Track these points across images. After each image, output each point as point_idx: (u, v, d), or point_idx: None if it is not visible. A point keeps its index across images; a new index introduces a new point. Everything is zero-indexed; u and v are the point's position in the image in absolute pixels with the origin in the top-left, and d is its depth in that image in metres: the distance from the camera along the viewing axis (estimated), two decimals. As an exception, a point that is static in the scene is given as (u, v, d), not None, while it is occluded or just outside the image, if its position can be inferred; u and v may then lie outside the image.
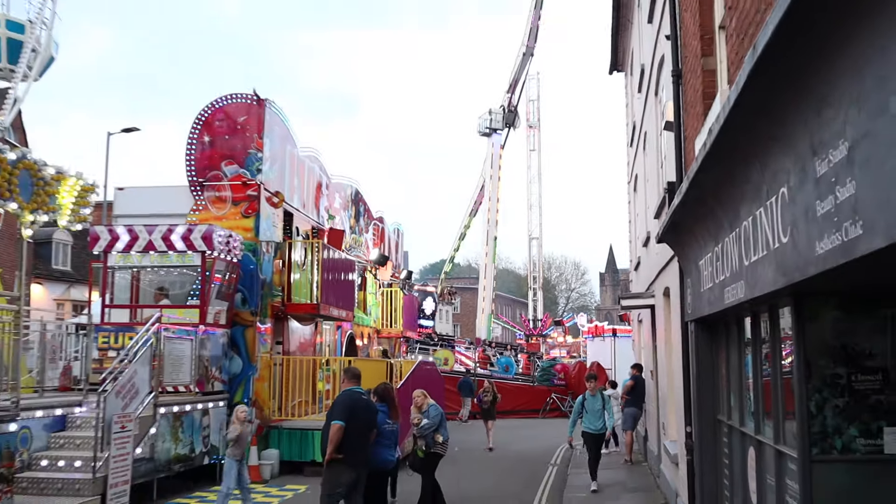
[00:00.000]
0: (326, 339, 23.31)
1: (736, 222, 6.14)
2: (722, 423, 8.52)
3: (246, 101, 19.31)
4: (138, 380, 13.72)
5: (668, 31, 10.76)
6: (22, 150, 11.76)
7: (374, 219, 30.24)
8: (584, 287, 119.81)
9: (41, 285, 37.58)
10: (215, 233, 16.58)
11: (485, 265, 60.69)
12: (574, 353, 55.23)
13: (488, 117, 58.60)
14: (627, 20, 20.87)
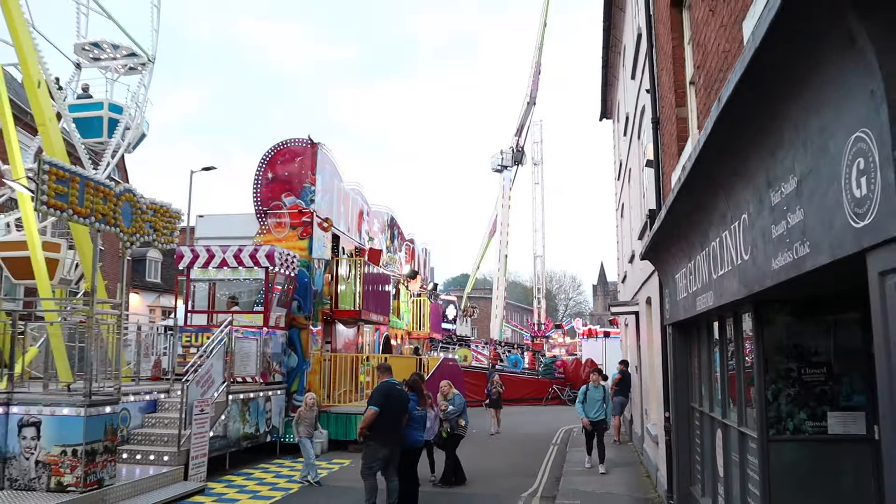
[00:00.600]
0: (367, 340, 23.33)
1: (706, 243, 6.16)
2: (694, 410, 8.47)
3: (302, 144, 19.47)
4: (214, 372, 13.82)
5: (647, 85, 10.80)
6: (124, 185, 11.93)
7: (406, 240, 30.29)
8: (579, 296, 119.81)
9: (137, 294, 37.91)
10: (276, 252, 16.69)
11: (497, 279, 60.78)
12: (571, 352, 54.86)
13: (500, 156, 58.79)
14: (614, 77, 20.91)
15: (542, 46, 55.95)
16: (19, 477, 10.23)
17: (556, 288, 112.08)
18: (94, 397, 10.41)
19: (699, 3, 6.69)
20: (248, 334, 15.94)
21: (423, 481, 11.68)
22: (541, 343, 58.92)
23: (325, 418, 17.63)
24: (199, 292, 18.39)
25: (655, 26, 10.18)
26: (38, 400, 10.51)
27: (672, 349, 9.16)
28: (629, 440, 19.00)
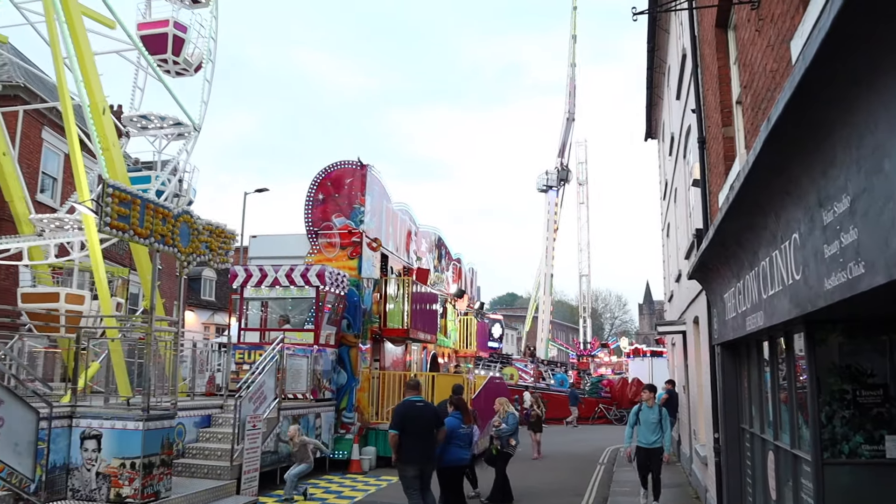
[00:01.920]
0: (414, 358, 23.33)
1: (755, 262, 6.03)
2: (745, 431, 8.26)
3: (351, 166, 19.68)
4: (266, 388, 13.95)
5: (693, 105, 10.66)
6: (182, 207, 12.21)
7: (453, 260, 30.30)
8: (625, 315, 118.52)
9: (193, 312, 38.62)
10: (327, 271, 16.84)
11: (543, 298, 60.44)
12: (617, 371, 54.10)
13: (545, 176, 58.75)
14: (658, 97, 20.72)
15: (575, 62, 56.42)
16: (81, 488, 10.44)
17: (601, 307, 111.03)
18: (152, 412, 10.60)
19: (745, 24, 6.60)
20: (299, 352, 16.08)
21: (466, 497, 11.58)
22: (587, 362, 58.26)
23: (374, 435, 17.64)
24: (253, 310, 18.64)
25: (700, 46, 10.07)
26: (99, 413, 10.74)
27: (721, 369, 8.95)
28: (677, 461, 18.59)
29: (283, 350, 14.89)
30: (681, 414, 18.41)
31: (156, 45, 19.05)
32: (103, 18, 17.35)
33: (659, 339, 40.28)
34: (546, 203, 59.36)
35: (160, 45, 19.09)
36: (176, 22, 19.38)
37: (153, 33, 19.12)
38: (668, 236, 20.00)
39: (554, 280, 59.81)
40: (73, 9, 15.34)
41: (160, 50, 19.10)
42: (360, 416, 17.73)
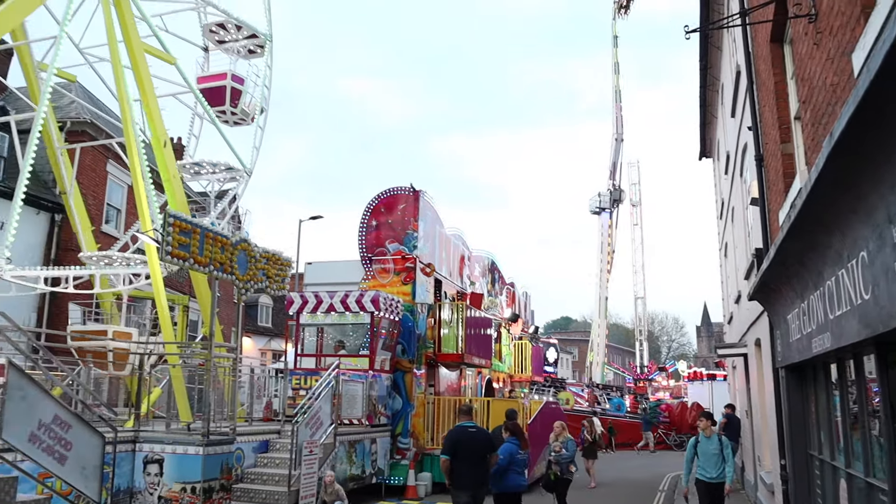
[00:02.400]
0: (469, 383, 23.20)
1: (819, 282, 5.83)
2: (813, 457, 7.94)
3: (404, 192, 19.81)
4: (322, 414, 14.00)
5: (749, 123, 10.46)
6: (240, 236, 12.46)
7: (507, 284, 30.17)
8: (682, 338, 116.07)
9: (250, 338, 39.21)
10: (381, 297, 16.91)
11: (597, 321, 59.70)
12: (676, 395, 52.86)
13: (598, 198, 58.42)
14: (712, 115, 20.43)
15: (619, 88, 57.01)
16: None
17: (658, 329, 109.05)
18: (212, 437, 10.75)
19: (802, 37, 6.45)
20: (355, 377, 16.13)
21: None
22: (644, 386, 57.11)
23: (429, 461, 17.53)
24: (308, 336, 18.80)
25: (755, 63, 9.88)
26: (161, 438, 10.94)
27: (786, 393, 8.66)
28: (741, 488, 18.00)
29: (338, 376, 14.95)
30: (744, 439, 17.85)
31: (215, 97, 19.61)
32: (164, 55, 17.93)
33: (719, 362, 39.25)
34: (599, 225, 58.87)
35: (219, 98, 19.65)
36: (234, 74, 19.94)
37: (212, 86, 19.71)
38: (726, 256, 19.58)
39: (609, 303, 59.07)
40: (136, 48, 15.92)
41: (219, 102, 19.64)
42: (415, 442, 17.67)
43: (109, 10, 15.46)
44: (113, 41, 15.46)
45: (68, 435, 8.59)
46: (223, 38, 20.16)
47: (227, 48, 20.38)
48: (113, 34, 15.48)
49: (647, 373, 60.69)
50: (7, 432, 7.88)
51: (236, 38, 20.11)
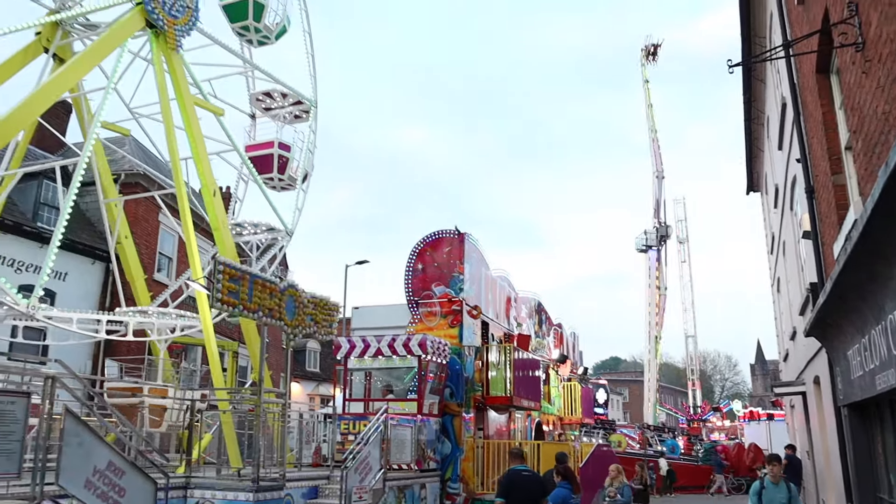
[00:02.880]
0: (518, 426, 22.89)
1: (881, 316, 5.62)
2: (883, 501, 7.57)
3: (449, 235, 19.89)
4: (371, 459, 13.91)
5: (797, 155, 10.28)
6: (288, 281, 12.60)
7: (554, 325, 29.90)
8: (736, 377, 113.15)
9: (298, 383, 39.40)
10: (428, 340, 16.86)
11: (648, 360, 58.59)
12: (732, 436, 51.25)
13: (644, 237, 57.89)
14: (759, 149, 20.15)
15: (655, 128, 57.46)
16: (195, 560, 10.61)
17: (710, 368, 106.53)
18: (262, 483, 10.75)
19: (850, 67, 6.35)
20: (403, 422, 16.02)
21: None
22: (698, 427, 55.49)
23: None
24: (356, 381, 18.80)
25: (801, 94, 9.75)
26: (212, 484, 10.99)
27: (850, 432, 8.31)
28: (806, 534, 17.26)
29: (387, 420, 14.87)
30: (806, 482, 17.17)
31: (263, 165, 20.04)
32: (212, 107, 18.48)
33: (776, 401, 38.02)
34: (646, 263, 58.14)
35: (267, 166, 20.09)
36: (280, 142, 20.37)
37: (260, 154, 20.17)
38: (779, 292, 19.11)
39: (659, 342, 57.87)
40: (187, 103, 16.46)
41: (267, 170, 20.06)
42: (465, 487, 17.41)
43: (161, 69, 16.04)
44: (165, 99, 15.99)
45: (122, 481, 8.68)
46: (269, 105, 20.73)
47: (273, 115, 20.91)
48: (165, 92, 16.02)
49: (701, 413, 59.09)
50: (64, 478, 8.00)
51: (282, 105, 20.64)
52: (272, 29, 19.59)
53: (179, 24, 16.17)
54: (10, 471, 7.51)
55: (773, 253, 19.76)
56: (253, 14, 19.14)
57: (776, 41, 10.73)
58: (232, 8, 19.27)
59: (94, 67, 15.11)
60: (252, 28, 19.29)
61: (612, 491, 12.20)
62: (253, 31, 19.39)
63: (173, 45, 16.08)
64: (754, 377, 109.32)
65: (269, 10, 19.39)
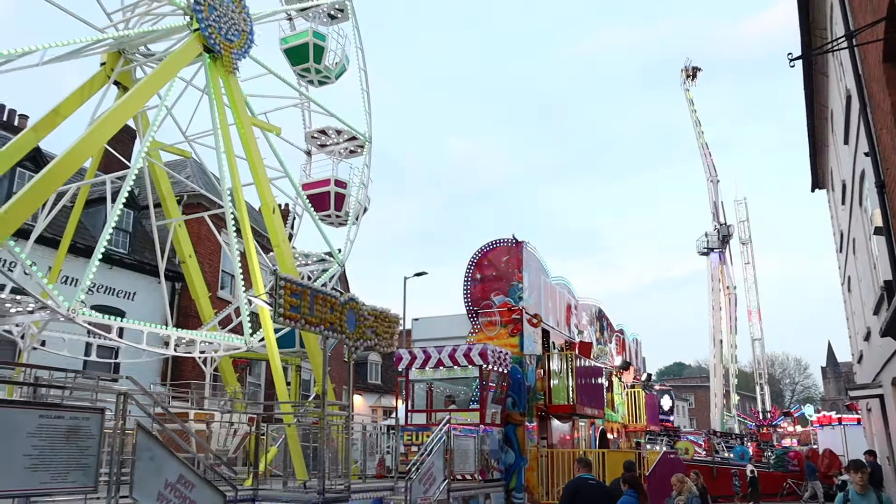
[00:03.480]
0: (582, 434, 22.59)
1: (963, 312, 5.36)
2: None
3: (507, 244, 19.83)
4: (435, 469, 13.90)
5: (865, 148, 9.91)
6: (348, 295, 12.72)
7: (616, 331, 29.48)
8: (807, 380, 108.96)
9: (360, 396, 39.74)
10: (489, 350, 16.80)
11: (713, 365, 57.24)
12: (805, 441, 49.52)
13: (705, 239, 56.83)
14: (823, 144, 19.53)
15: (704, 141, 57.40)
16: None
17: (779, 372, 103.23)
18: (327, 494, 10.83)
19: (919, 54, 6.10)
20: (466, 432, 15.98)
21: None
22: (769, 433, 53.78)
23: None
24: (418, 392, 18.84)
25: (867, 85, 9.40)
26: (279, 496, 11.13)
27: (933, 436, 7.93)
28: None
29: (450, 431, 14.85)
30: (888, 489, 16.45)
31: (319, 203, 20.18)
32: (268, 126, 18.84)
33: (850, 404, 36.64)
34: (708, 266, 56.97)
35: (324, 203, 20.25)
36: (337, 180, 20.52)
37: (316, 193, 20.33)
38: (850, 291, 18.46)
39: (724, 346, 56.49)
40: (245, 126, 16.82)
41: (324, 207, 20.17)
42: (530, 497, 17.24)
43: (219, 91, 16.43)
44: (223, 120, 16.35)
45: (192, 494, 8.85)
46: (325, 142, 21.01)
47: (328, 151, 21.17)
48: (223, 113, 16.38)
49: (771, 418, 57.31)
50: (137, 491, 8.20)
51: (337, 142, 20.89)
52: (332, 69, 20.02)
53: (235, 47, 16.56)
54: (87, 485, 7.74)
55: (843, 251, 19.11)
56: (314, 56, 19.64)
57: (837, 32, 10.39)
58: (293, 51, 19.84)
59: (155, 92, 15.56)
60: (313, 69, 19.74)
61: (681, 500, 11.88)
62: (314, 72, 19.84)
63: (230, 68, 16.47)
64: (826, 380, 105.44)
65: (328, 51, 19.80)
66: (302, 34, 19.93)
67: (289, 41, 19.99)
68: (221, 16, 16.14)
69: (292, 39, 19.96)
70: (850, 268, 17.37)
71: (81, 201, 17.04)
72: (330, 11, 20.59)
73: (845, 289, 20.11)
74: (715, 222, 57.11)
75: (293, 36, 20.14)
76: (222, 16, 16.17)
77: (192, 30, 15.65)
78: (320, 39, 19.73)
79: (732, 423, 59.27)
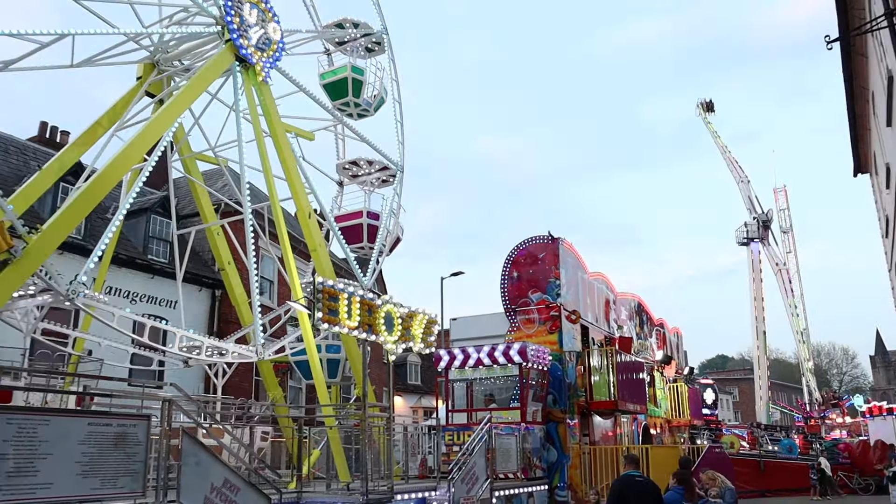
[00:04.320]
0: (625, 430, 22.38)
1: None
2: None
3: (542, 241, 19.74)
4: (477, 469, 13.89)
5: (910, 130, 9.65)
6: (385, 297, 12.78)
7: (656, 325, 29.18)
8: (855, 370, 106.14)
9: (400, 397, 39.89)
10: (528, 348, 16.74)
11: (757, 357, 56.29)
12: (856, 433, 48.39)
13: (745, 229, 56.00)
14: (865, 128, 19.03)
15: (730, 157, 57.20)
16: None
17: (825, 362, 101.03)
18: (371, 496, 10.89)
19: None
20: (507, 431, 15.95)
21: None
22: (817, 424, 52.66)
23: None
24: (458, 392, 18.84)
25: (909, 66, 9.16)
26: (323, 499, 11.22)
27: None
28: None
29: (491, 430, 14.83)
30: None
31: (352, 236, 20.09)
32: (304, 133, 19.01)
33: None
34: (749, 256, 56.06)
35: (357, 236, 20.14)
36: (369, 212, 20.33)
37: (349, 225, 20.17)
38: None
39: (768, 337, 55.58)
40: (280, 133, 16.98)
41: (357, 240, 20.04)
42: (573, 494, 17.14)
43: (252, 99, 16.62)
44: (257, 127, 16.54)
45: (238, 497, 8.96)
46: (356, 172, 21.03)
47: (360, 182, 21.15)
48: (257, 120, 16.58)
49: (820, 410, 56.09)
50: (185, 496, 8.33)
51: (369, 172, 20.88)
52: (371, 102, 20.03)
53: (266, 56, 16.74)
54: (135, 490, 7.88)
55: (889, 236, 18.64)
56: (352, 91, 19.64)
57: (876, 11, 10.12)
58: (332, 87, 19.82)
59: (192, 104, 15.80)
60: (352, 103, 19.75)
61: (714, 492, 11.63)
62: (353, 105, 19.84)
63: (262, 76, 16.66)
64: (875, 369, 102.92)
65: (367, 85, 19.86)
66: (341, 69, 19.93)
67: (327, 77, 20.02)
68: (251, 25, 16.33)
69: (330, 75, 19.97)
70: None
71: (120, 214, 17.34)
72: (367, 45, 20.66)
73: (892, 275, 19.62)
74: (752, 215, 56.38)
75: (331, 72, 20.14)
76: (253, 25, 16.36)
77: (225, 40, 15.86)
78: (359, 74, 19.74)
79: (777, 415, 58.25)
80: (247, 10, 16.21)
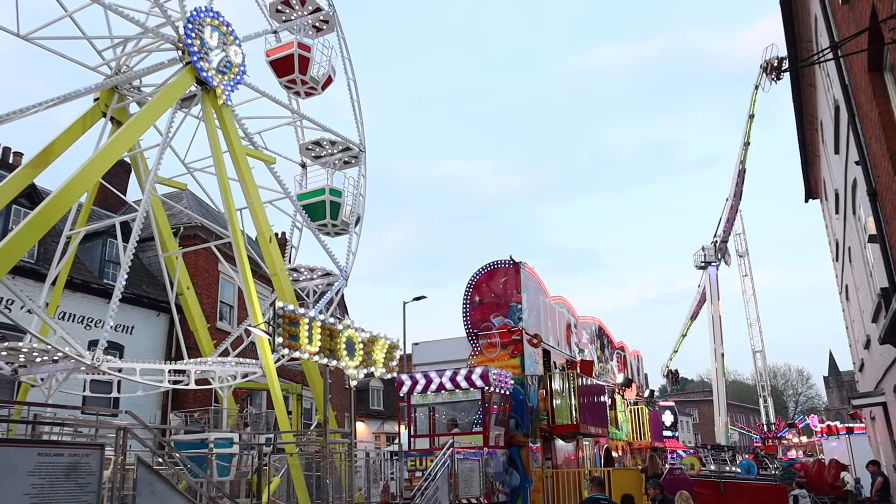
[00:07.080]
0: (587, 454, 22.40)
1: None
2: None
3: (504, 265, 19.78)
4: (440, 494, 13.81)
5: (856, 157, 9.97)
6: (346, 322, 12.70)
7: (616, 348, 29.39)
8: (809, 391, 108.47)
9: (363, 422, 39.49)
10: (490, 372, 16.72)
11: (716, 379, 57.08)
12: (811, 452, 49.18)
13: (702, 252, 56.86)
14: (815, 155, 19.63)
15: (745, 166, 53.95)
16: None
17: (781, 384, 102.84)
18: (333, 525, 10.73)
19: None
20: (470, 455, 15.87)
21: None
22: (774, 445, 53.39)
23: (554, 538, 16.88)
24: (420, 417, 18.72)
25: (854, 95, 9.48)
26: (283, 529, 11.01)
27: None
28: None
29: (453, 454, 14.76)
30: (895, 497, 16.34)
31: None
32: (264, 156, 18.90)
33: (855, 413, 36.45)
34: (707, 280, 56.95)
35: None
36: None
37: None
38: (849, 300, 18.48)
39: (725, 359, 56.30)
40: (239, 154, 16.87)
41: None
42: (536, 519, 17.06)
43: (213, 123, 16.52)
44: (217, 151, 16.43)
45: (195, 529, 8.76)
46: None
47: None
48: (217, 144, 16.47)
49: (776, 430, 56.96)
50: (139, 529, 8.11)
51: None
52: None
53: (227, 79, 16.66)
54: (87, 523, 7.65)
55: (839, 260, 19.15)
56: (330, 213, 19.85)
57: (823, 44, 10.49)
58: (310, 208, 20.00)
59: (149, 127, 15.63)
60: (298, 81, 19.72)
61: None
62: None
63: (223, 100, 16.56)
64: (829, 390, 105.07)
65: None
66: (318, 192, 20.33)
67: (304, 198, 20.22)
68: (212, 48, 16.26)
69: (308, 196, 20.30)
70: (847, 276, 17.41)
71: (76, 238, 17.04)
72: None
73: (843, 297, 20.13)
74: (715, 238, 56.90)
75: (309, 193, 20.48)
76: (213, 48, 16.29)
77: (185, 63, 15.76)
78: (336, 196, 20.11)
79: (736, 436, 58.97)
80: (208, 33, 16.15)
